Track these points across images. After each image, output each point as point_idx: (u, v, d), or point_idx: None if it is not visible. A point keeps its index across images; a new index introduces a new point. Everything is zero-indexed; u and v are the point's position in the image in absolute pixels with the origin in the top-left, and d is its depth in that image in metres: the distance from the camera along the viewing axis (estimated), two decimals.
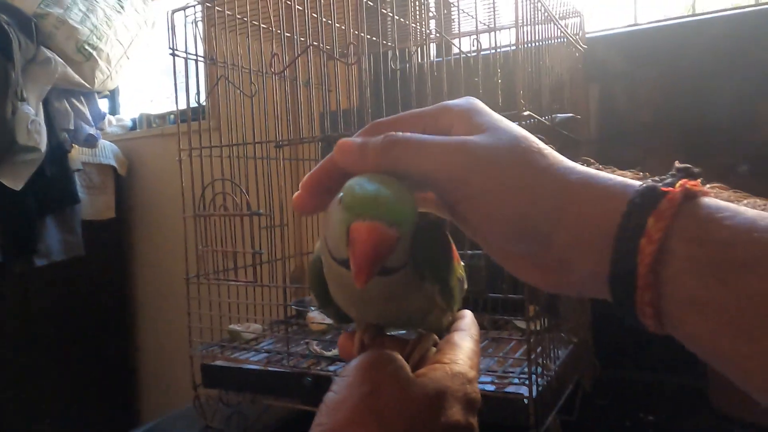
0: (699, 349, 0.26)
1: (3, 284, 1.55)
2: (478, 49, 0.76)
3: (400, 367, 0.33)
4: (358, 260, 0.28)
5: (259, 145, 0.91)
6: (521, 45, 0.69)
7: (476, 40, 0.76)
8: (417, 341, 0.37)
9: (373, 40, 0.97)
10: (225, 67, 0.92)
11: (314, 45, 0.83)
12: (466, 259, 0.40)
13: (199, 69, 0.92)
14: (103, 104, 1.88)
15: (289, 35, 0.90)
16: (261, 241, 0.89)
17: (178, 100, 0.94)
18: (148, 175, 1.85)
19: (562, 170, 0.29)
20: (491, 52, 0.75)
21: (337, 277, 0.34)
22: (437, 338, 0.38)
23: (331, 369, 0.81)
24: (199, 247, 0.91)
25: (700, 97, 1.00)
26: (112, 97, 2.04)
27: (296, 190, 0.34)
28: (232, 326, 0.95)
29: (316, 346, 0.88)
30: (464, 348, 0.36)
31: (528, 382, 0.68)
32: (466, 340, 0.37)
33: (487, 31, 0.97)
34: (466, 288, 0.40)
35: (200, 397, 0.91)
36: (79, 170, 1.65)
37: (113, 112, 2.04)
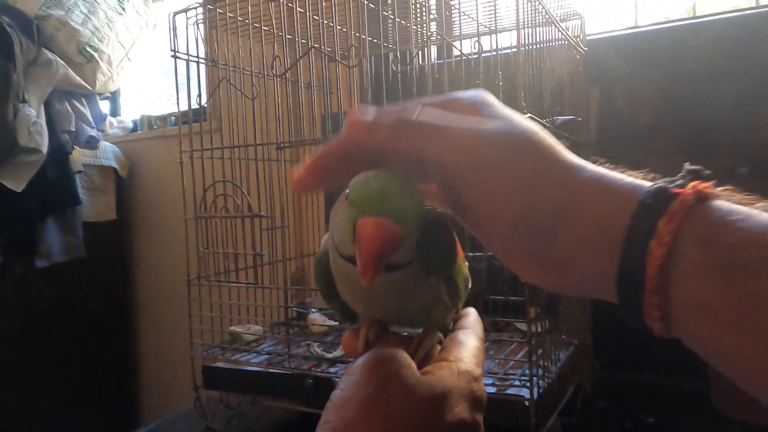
0: (704, 351, 0.25)
1: (4, 285, 1.55)
2: (479, 51, 0.76)
3: (406, 366, 0.32)
4: (364, 257, 0.28)
5: (261, 147, 0.91)
6: (522, 47, 0.69)
7: (477, 42, 0.76)
8: (422, 339, 0.37)
9: (375, 43, 0.97)
10: (226, 69, 0.92)
11: (315, 47, 0.83)
12: (467, 260, 0.40)
13: (201, 71, 0.92)
14: (104, 106, 1.88)
15: (291, 37, 0.90)
16: (262, 243, 0.89)
17: (180, 102, 0.94)
18: (149, 177, 1.85)
19: (574, 167, 0.28)
20: (492, 54, 0.75)
21: (343, 273, 0.34)
22: (442, 336, 0.38)
23: (332, 371, 0.81)
24: (200, 249, 0.91)
25: (700, 99, 1.01)
26: (113, 98, 2.04)
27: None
28: (233, 328, 0.95)
29: (317, 348, 0.88)
30: (469, 346, 0.36)
31: (529, 384, 0.68)
32: (470, 337, 0.37)
33: (488, 33, 0.97)
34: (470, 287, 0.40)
35: (201, 399, 0.91)
36: (80, 172, 1.65)
37: (114, 113, 2.04)
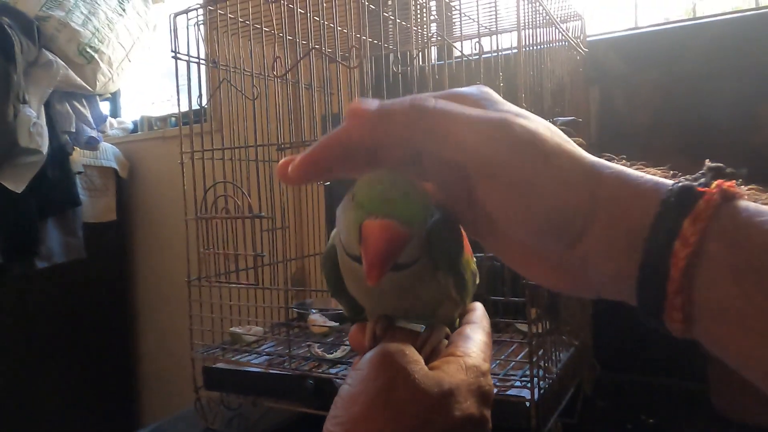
0: (726, 355, 0.24)
1: (4, 286, 1.55)
2: (480, 52, 0.76)
3: (414, 361, 0.32)
4: (370, 258, 0.28)
5: (261, 148, 0.91)
6: (522, 48, 0.70)
7: (478, 43, 0.76)
8: (429, 334, 0.37)
9: (375, 44, 0.97)
10: (227, 70, 0.92)
11: (316, 48, 0.83)
12: None
13: (201, 72, 0.92)
14: (105, 107, 1.88)
15: (291, 38, 0.90)
16: (262, 244, 0.89)
17: (180, 103, 0.94)
18: (150, 178, 1.85)
19: (596, 164, 0.27)
20: (493, 55, 0.75)
21: (350, 270, 0.34)
22: (449, 330, 0.38)
23: (332, 371, 0.81)
24: (201, 250, 0.91)
25: (700, 99, 1.01)
26: (114, 99, 2.04)
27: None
28: (234, 329, 0.95)
29: (317, 349, 0.88)
30: (477, 340, 0.36)
31: (530, 385, 0.68)
32: (478, 332, 0.37)
33: (489, 34, 0.97)
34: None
35: (201, 400, 0.91)
36: (80, 173, 1.65)
37: (114, 114, 2.04)
